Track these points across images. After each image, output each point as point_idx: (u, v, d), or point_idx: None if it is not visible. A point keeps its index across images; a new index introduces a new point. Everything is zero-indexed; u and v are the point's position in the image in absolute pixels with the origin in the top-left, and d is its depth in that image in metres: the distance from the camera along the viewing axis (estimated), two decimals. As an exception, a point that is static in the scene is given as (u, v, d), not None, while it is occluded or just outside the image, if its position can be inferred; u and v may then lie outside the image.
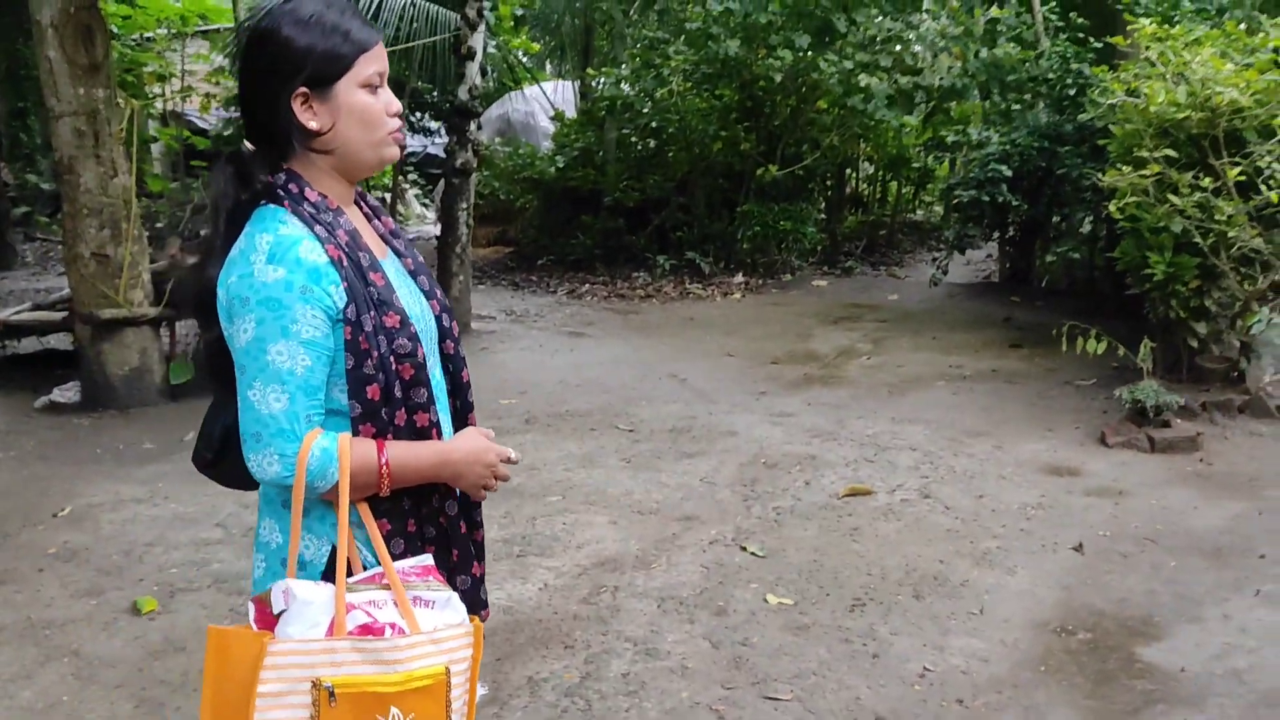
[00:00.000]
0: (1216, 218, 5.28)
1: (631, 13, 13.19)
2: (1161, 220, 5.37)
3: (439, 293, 1.81)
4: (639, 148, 12.86)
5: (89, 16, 6.07)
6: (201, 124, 18.86)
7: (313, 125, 1.60)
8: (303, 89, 1.59)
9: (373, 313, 1.60)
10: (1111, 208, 5.61)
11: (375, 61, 1.63)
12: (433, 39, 12.72)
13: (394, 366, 1.62)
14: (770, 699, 3.03)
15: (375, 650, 1.48)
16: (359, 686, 1.46)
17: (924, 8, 10.35)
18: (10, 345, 7.72)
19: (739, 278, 11.39)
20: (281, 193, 1.61)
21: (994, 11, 10.45)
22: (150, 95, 16.39)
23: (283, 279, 1.53)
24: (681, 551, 4.15)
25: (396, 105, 1.67)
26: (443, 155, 18.16)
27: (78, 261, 6.34)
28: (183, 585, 3.91)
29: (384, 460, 1.58)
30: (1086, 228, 8.78)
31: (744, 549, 4.16)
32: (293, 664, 1.45)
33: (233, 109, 18.36)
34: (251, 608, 1.55)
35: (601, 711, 2.98)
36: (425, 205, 20.02)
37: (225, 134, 18.31)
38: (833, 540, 4.24)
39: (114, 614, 3.67)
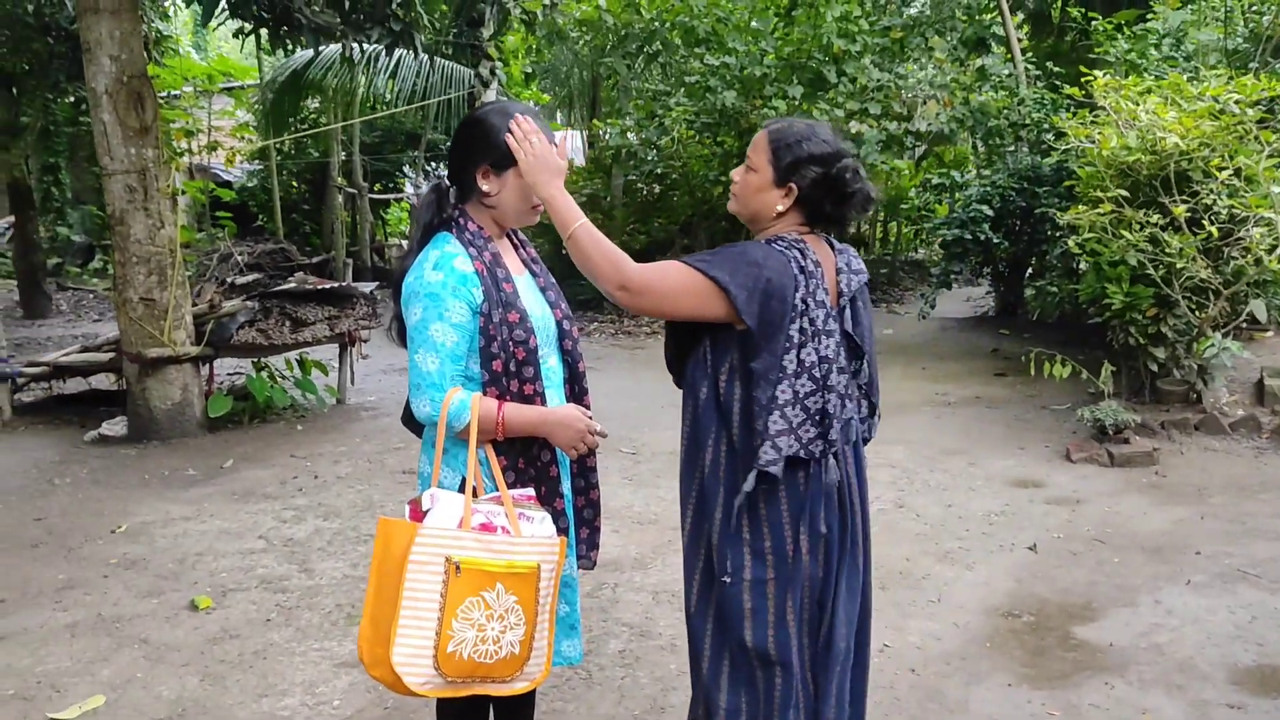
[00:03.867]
0: (1167, 251, 5.78)
1: (635, 66, 13.85)
2: (1117, 254, 5.87)
3: (563, 305, 2.48)
4: (645, 193, 13.43)
5: (140, 84, 6.68)
6: (226, 176, 19.60)
7: (485, 189, 2.31)
8: (486, 165, 2.28)
9: (500, 310, 2.25)
10: (1070, 243, 6.13)
11: None
12: (448, 95, 13.42)
13: (511, 349, 2.26)
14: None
15: (489, 541, 2.13)
16: (476, 565, 2.10)
17: (911, 59, 10.93)
18: (57, 386, 8.27)
19: (742, 316, 11.88)
20: (454, 223, 2.32)
21: (983, 60, 11.05)
22: (179, 150, 17.15)
23: (441, 280, 2.21)
24: (676, 555, 4.57)
25: None
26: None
27: (127, 305, 6.88)
28: (233, 586, 4.39)
29: (501, 414, 2.22)
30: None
31: (733, 551, 4.62)
32: (434, 543, 2.09)
33: (255, 162, 19.18)
34: (406, 508, 2.21)
35: (600, 680, 3.45)
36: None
37: (249, 185, 19.10)
38: (813, 544, 4.70)
39: (174, 610, 4.15)
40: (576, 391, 2.46)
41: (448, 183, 2.39)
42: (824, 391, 2.17)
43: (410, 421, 2.44)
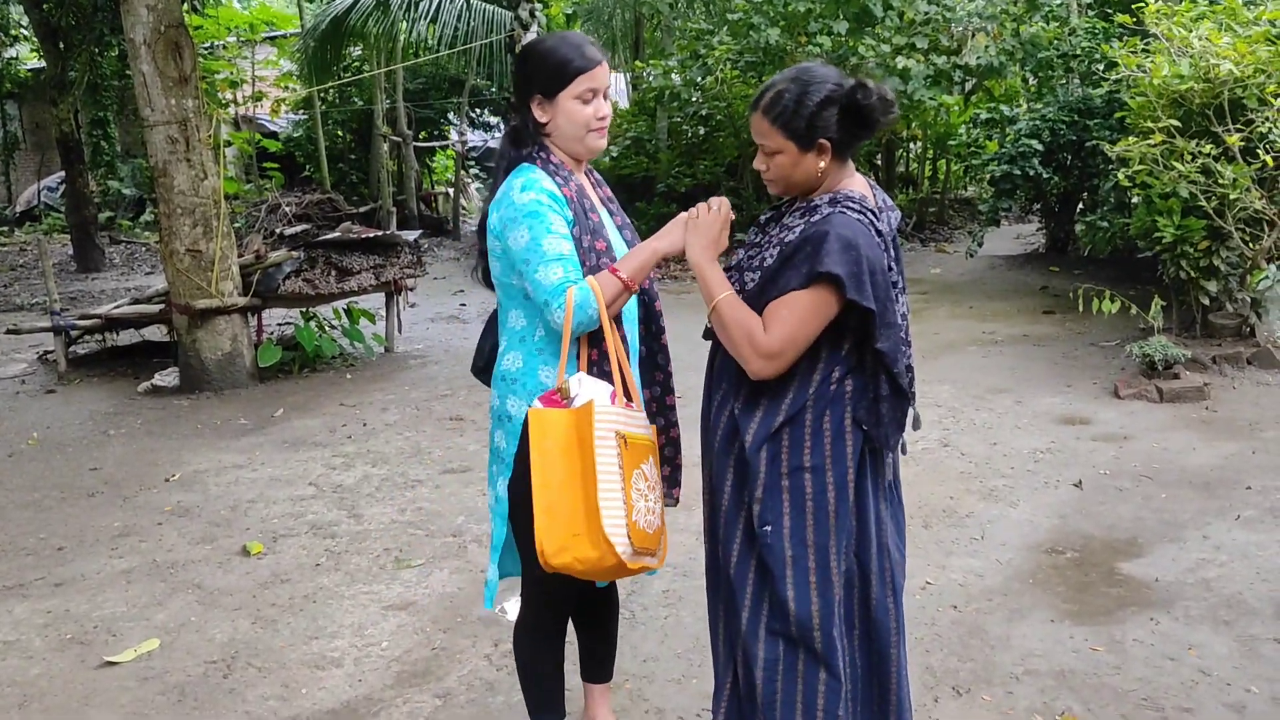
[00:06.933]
0: (1220, 182, 5.61)
1: (678, 5, 13.62)
2: (1169, 186, 5.71)
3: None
4: (689, 135, 13.27)
5: (178, 34, 6.70)
6: (272, 127, 19.68)
7: (541, 119, 2.30)
8: (538, 94, 2.28)
9: (589, 236, 2.26)
10: (1120, 176, 5.97)
11: (590, 81, 2.27)
12: (489, 39, 13.30)
13: None
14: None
15: (635, 417, 2.23)
16: (636, 439, 2.19)
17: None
18: (110, 338, 8.46)
19: (787, 257, 11.77)
20: (534, 156, 2.31)
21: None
22: (224, 101, 17.24)
23: (534, 198, 2.21)
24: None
25: (603, 112, 2.32)
26: (501, 149, 18.79)
27: (173, 257, 6.98)
28: (284, 532, 4.49)
29: (620, 275, 2.21)
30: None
31: (774, 492, 4.63)
32: (607, 421, 2.15)
33: (300, 112, 19.23)
34: (538, 403, 2.21)
35: (644, 619, 3.50)
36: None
37: (295, 136, 19.20)
38: (855, 484, 4.69)
39: (227, 555, 4.26)
40: (654, 330, 2.46)
41: (521, 121, 2.36)
42: (909, 347, 2.20)
43: (480, 372, 2.49)
